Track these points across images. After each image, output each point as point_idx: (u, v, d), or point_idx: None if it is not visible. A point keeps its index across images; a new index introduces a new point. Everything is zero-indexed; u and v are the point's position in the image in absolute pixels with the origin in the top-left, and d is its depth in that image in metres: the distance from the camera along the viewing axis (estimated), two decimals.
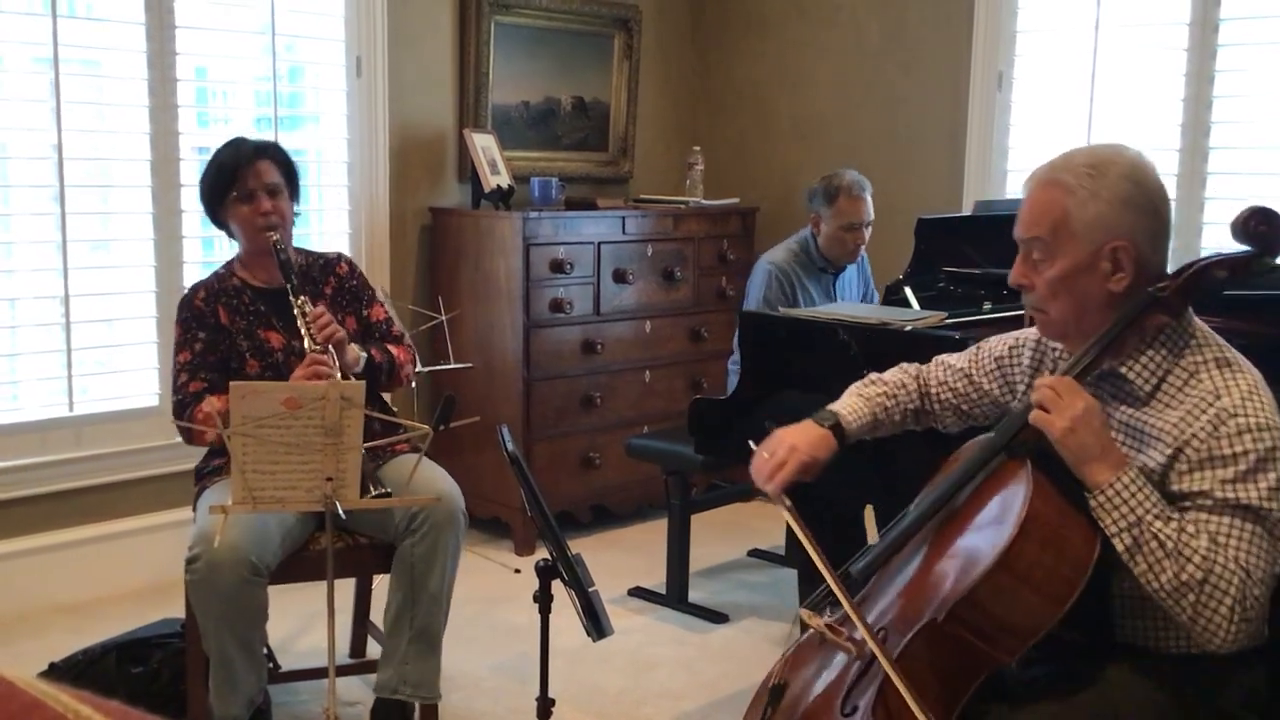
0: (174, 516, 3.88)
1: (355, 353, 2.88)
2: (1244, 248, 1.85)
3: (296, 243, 4.30)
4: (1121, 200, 1.81)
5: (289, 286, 2.82)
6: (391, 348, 3.04)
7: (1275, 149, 3.90)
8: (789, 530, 4.27)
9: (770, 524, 4.68)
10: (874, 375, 2.25)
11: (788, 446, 2.06)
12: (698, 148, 5.15)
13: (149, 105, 3.84)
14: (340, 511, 2.42)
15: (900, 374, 2.24)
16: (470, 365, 4.37)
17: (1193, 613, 1.69)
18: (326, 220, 4.44)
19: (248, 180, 2.88)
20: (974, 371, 2.17)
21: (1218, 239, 3.95)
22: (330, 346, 2.76)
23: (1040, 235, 1.85)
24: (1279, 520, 1.72)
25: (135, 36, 3.80)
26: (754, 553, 4.49)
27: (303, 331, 2.78)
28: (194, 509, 2.89)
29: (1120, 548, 1.72)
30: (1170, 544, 1.69)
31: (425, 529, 2.77)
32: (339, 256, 3.13)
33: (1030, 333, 2.11)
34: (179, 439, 3.93)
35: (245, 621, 2.64)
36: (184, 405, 2.82)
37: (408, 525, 2.78)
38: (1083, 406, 1.78)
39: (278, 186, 2.92)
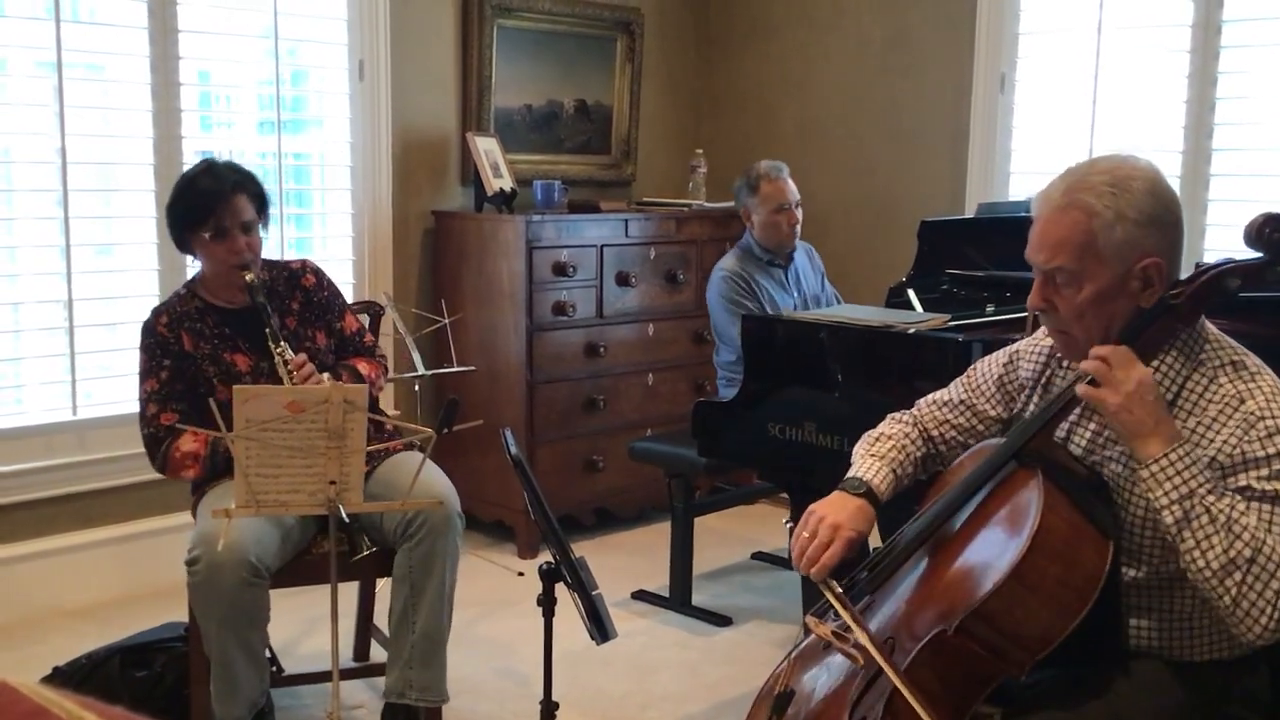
0: (177, 520, 3.87)
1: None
2: (1257, 254, 1.83)
3: (302, 251, 4.33)
4: (1149, 218, 1.77)
5: (267, 330, 2.78)
6: (361, 365, 3.00)
7: (1278, 151, 3.90)
8: (792, 534, 4.27)
9: (773, 527, 4.68)
10: (873, 432, 2.17)
11: (830, 526, 1.96)
12: (700, 151, 5.15)
13: (152, 109, 3.85)
14: (344, 515, 2.42)
15: (898, 425, 2.16)
16: (473, 368, 4.37)
17: (1236, 594, 1.65)
18: (329, 224, 4.45)
19: (223, 218, 2.80)
20: (976, 400, 2.11)
21: (1220, 241, 3.95)
22: None
23: (1065, 264, 1.80)
24: None
25: (138, 41, 3.81)
26: (757, 555, 4.49)
27: (284, 379, 2.74)
28: (194, 515, 2.88)
29: (1170, 520, 1.68)
30: (1222, 518, 1.66)
31: (422, 533, 2.76)
32: (304, 266, 3.06)
33: (1023, 345, 2.08)
34: None
35: (246, 623, 2.64)
36: (158, 440, 2.80)
37: (404, 530, 2.78)
38: (1136, 381, 1.73)
39: (252, 222, 2.86)
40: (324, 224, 4.45)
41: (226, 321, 2.89)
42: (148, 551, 3.90)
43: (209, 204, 2.80)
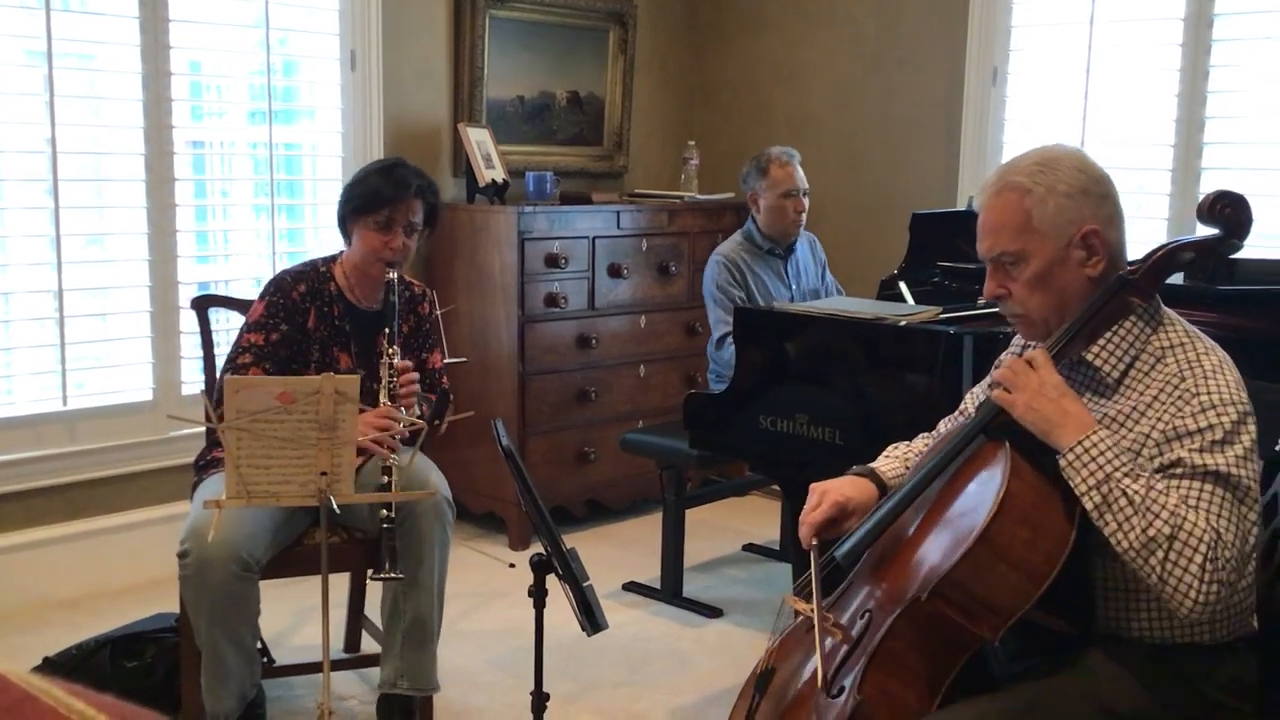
0: (168, 511, 3.87)
1: (415, 414, 2.85)
2: (1212, 231, 1.90)
3: (293, 241, 4.32)
4: (1079, 189, 1.85)
5: (387, 332, 2.83)
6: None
7: (1269, 144, 3.91)
8: (783, 525, 4.30)
9: (764, 519, 4.69)
10: (899, 443, 2.25)
11: (819, 491, 2.06)
12: (692, 142, 5.15)
13: (143, 99, 3.83)
14: (335, 506, 2.42)
15: (923, 440, 2.25)
16: (465, 360, 4.36)
17: (1162, 571, 1.69)
18: (320, 215, 4.43)
19: (396, 213, 2.87)
20: (970, 406, 2.18)
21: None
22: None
23: (1007, 247, 1.88)
24: (1249, 487, 1.74)
25: (129, 30, 3.80)
26: (748, 547, 4.50)
27: (383, 379, 2.78)
28: (191, 500, 2.89)
29: (1090, 506, 1.74)
30: (1139, 499, 1.70)
31: (411, 522, 2.76)
32: (424, 293, 3.11)
33: (1004, 356, 2.13)
34: (173, 433, 3.93)
35: (236, 616, 2.64)
36: None
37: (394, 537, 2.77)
38: (1039, 380, 1.81)
39: (417, 226, 2.93)
40: (315, 215, 4.43)
41: (349, 317, 2.94)
42: (138, 542, 3.89)
43: (391, 195, 2.87)
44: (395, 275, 2.88)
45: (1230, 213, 1.87)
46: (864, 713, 1.77)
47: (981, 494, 1.81)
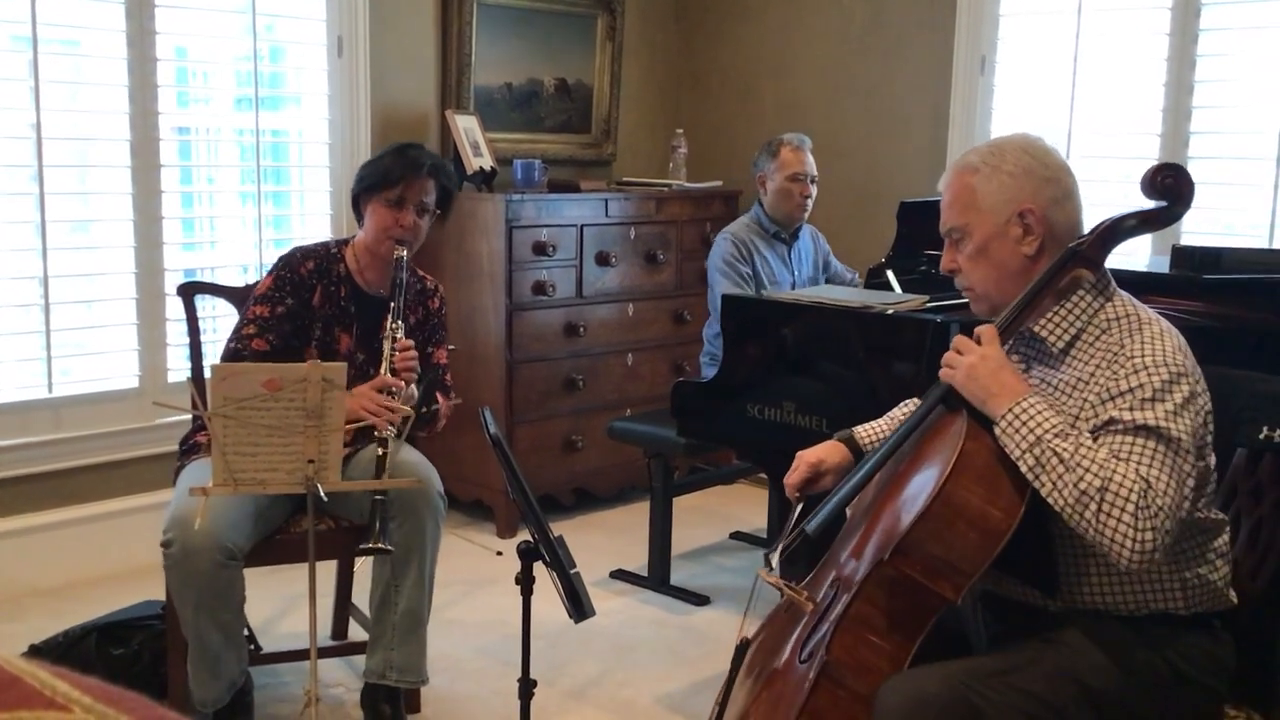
0: (154, 499, 3.86)
1: (413, 394, 2.85)
2: (1160, 203, 1.97)
3: (279, 228, 4.30)
4: (1023, 170, 1.95)
5: (393, 307, 2.83)
6: (440, 399, 3.02)
7: (1255, 134, 3.91)
8: (770, 513, 4.32)
9: (752, 506, 4.69)
10: (913, 399, 2.33)
11: (798, 457, 2.21)
12: (681, 130, 5.14)
13: (128, 85, 3.81)
14: (322, 494, 2.41)
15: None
16: (453, 347, 4.35)
17: (1097, 523, 1.73)
18: (307, 202, 4.42)
19: (409, 190, 2.89)
20: None
21: (1197, 223, 3.96)
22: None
23: (954, 223, 2.00)
24: (1180, 439, 1.77)
25: (114, 15, 3.77)
26: (735, 535, 4.51)
27: (385, 352, 2.79)
28: (174, 485, 2.87)
29: (1025, 469, 1.79)
30: (1068, 456, 1.75)
31: (405, 517, 2.75)
32: (436, 288, 3.12)
33: None
34: (159, 420, 3.92)
35: (221, 605, 2.64)
36: (240, 358, 2.78)
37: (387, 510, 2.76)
38: (978, 355, 1.89)
39: (429, 206, 2.94)
40: (302, 202, 4.42)
41: (355, 299, 2.94)
42: (124, 529, 3.88)
43: (403, 173, 2.89)
44: (405, 253, 2.88)
45: (1171, 183, 1.94)
46: (831, 673, 1.82)
47: (940, 458, 1.86)
